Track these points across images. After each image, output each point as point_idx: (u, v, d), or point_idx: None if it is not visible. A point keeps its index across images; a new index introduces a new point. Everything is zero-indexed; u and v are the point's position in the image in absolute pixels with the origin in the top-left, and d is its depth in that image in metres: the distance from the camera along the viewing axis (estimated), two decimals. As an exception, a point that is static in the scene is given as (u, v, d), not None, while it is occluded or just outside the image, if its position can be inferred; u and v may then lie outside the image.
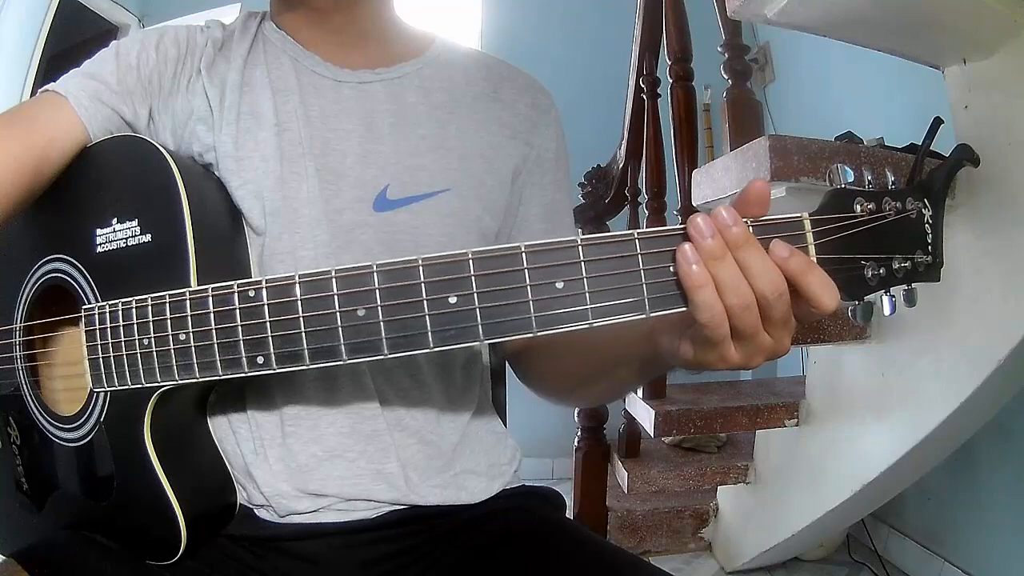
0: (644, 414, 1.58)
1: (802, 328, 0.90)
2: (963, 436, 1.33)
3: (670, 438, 1.89)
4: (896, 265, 0.43)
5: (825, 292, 0.41)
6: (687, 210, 1.58)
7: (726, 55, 1.63)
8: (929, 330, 1.20)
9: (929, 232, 0.44)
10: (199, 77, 0.64)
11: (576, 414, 1.89)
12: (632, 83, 1.97)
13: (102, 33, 2.87)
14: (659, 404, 1.55)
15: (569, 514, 0.75)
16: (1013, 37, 1.01)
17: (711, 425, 1.55)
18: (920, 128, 0.48)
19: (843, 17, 1.06)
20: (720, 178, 1.29)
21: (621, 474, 1.84)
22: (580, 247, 0.41)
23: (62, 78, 0.62)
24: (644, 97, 1.87)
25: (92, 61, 0.63)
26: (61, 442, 0.60)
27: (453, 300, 0.42)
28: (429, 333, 0.43)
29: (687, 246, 0.41)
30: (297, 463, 0.60)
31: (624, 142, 2.01)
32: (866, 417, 1.39)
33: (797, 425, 1.57)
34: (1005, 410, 1.26)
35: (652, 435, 1.55)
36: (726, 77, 1.63)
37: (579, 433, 1.88)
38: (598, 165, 2.12)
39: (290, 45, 0.66)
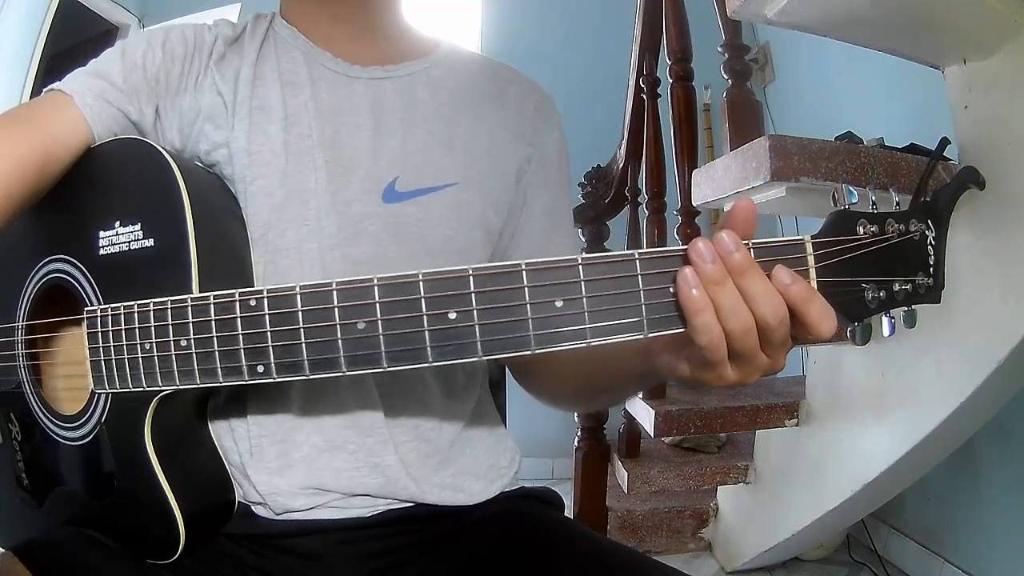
0: (644, 414, 1.58)
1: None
2: (963, 436, 1.33)
3: (670, 438, 1.89)
4: (897, 288, 0.43)
5: (824, 321, 0.41)
6: (687, 210, 1.58)
7: (726, 55, 1.63)
8: (929, 330, 1.20)
9: (931, 254, 0.44)
10: (208, 74, 0.63)
11: (576, 414, 1.89)
12: (632, 83, 1.97)
13: (102, 33, 2.87)
14: (659, 404, 1.55)
15: (569, 514, 0.75)
16: (1013, 37, 1.01)
17: (711, 425, 1.55)
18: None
19: (843, 17, 1.06)
20: (720, 178, 1.29)
21: (621, 474, 1.84)
22: (580, 266, 0.41)
23: (68, 77, 0.62)
24: (644, 97, 1.87)
25: (98, 60, 0.63)
26: (62, 440, 0.60)
27: (453, 316, 0.42)
28: (428, 348, 0.43)
29: (688, 270, 0.41)
30: (298, 454, 0.61)
31: (624, 142, 2.01)
32: (866, 417, 1.39)
33: (797, 425, 1.57)
34: (1005, 410, 1.26)
35: (652, 435, 1.55)
36: (726, 77, 1.63)
37: (579, 433, 1.88)
38: (598, 165, 2.12)
39: (301, 41, 0.67)
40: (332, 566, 0.61)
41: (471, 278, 0.42)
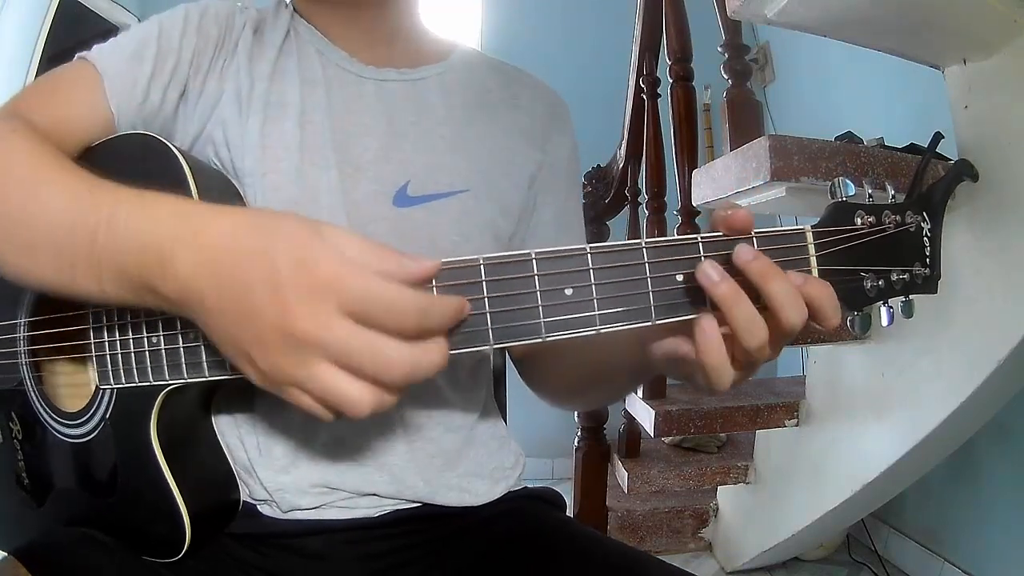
0: (644, 414, 1.58)
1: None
2: (963, 436, 1.33)
3: (670, 438, 1.89)
4: (895, 277, 0.44)
5: (837, 313, 0.42)
6: (687, 210, 1.58)
7: (726, 55, 1.63)
8: (929, 330, 1.20)
9: (927, 245, 0.45)
10: (233, 61, 0.63)
11: (576, 414, 1.89)
12: (632, 83, 1.98)
13: (102, 33, 2.86)
14: (659, 404, 1.56)
15: (569, 514, 0.75)
16: (1013, 37, 1.01)
17: (711, 425, 1.55)
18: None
19: (843, 17, 1.07)
20: (720, 178, 1.29)
21: (621, 474, 1.84)
22: (589, 255, 0.42)
23: (107, 52, 0.60)
24: (644, 97, 1.88)
25: (135, 40, 0.61)
26: (64, 438, 0.59)
27: None
28: None
29: (705, 321, 0.41)
30: (305, 452, 0.61)
31: (624, 142, 2.02)
32: (866, 417, 1.39)
33: (797, 425, 1.58)
34: (1005, 410, 1.26)
35: (652, 435, 1.55)
36: (726, 77, 1.64)
37: (579, 433, 1.88)
38: (598, 165, 2.12)
39: (317, 39, 0.67)
40: (334, 566, 0.61)
41: (482, 267, 0.42)
